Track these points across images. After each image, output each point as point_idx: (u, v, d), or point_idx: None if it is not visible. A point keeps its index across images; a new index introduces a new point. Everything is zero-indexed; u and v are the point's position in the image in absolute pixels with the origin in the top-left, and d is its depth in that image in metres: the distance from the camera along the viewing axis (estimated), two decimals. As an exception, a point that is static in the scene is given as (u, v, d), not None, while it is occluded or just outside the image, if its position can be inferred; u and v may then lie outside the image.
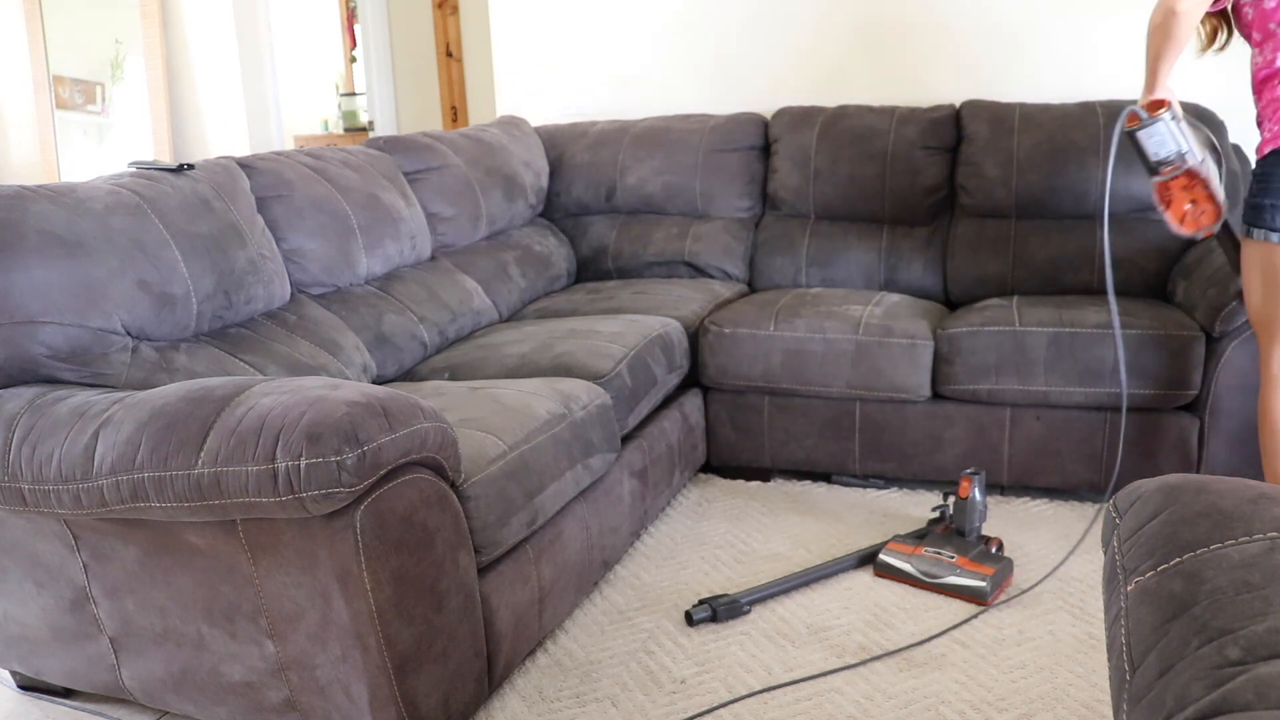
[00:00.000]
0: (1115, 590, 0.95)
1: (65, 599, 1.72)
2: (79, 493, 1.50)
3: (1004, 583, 2.10)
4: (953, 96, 3.18)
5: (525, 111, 3.76)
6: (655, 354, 2.45)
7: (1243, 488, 0.95)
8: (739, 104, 3.46)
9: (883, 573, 2.18)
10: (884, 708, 1.73)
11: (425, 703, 1.56)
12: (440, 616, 1.57)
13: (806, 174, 3.06)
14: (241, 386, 1.52)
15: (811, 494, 2.66)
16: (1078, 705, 1.72)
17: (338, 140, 6.10)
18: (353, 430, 1.39)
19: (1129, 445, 2.41)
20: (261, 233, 2.18)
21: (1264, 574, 0.82)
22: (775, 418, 2.67)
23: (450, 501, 1.59)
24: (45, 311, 1.70)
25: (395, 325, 2.43)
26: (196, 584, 1.58)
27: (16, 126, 4.72)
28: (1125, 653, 0.88)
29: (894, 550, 2.19)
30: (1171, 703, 0.78)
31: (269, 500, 1.40)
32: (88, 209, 1.82)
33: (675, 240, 3.19)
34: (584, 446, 2.01)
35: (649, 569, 2.27)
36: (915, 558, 2.15)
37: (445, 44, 5.47)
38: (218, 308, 2.01)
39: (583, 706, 1.78)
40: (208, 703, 1.68)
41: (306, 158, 2.48)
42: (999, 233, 2.89)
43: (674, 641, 1.97)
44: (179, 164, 2.10)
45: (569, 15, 3.64)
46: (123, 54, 4.53)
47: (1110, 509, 1.05)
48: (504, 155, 3.15)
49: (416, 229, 2.67)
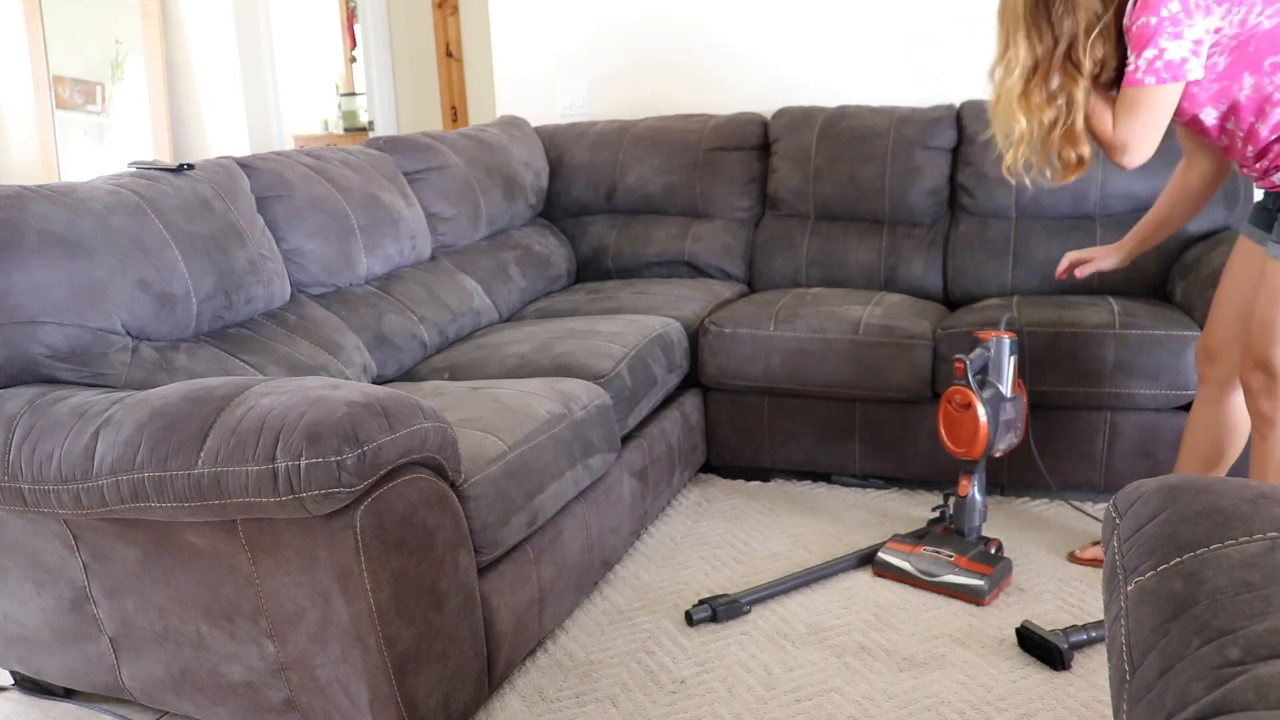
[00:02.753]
0: (1115, 590, 0.95)
1: (65, 599, 1.72)
2: (79, 493, 1.50)
3: (1002, 583, 2.10)
4: (953, 96, 3.18)
5: (525, 111, 3.76)
6: (655, 354, 2.45)
7: (1243, 488, 0.95)
8: (739, 104, 3.46)
9: (882, 571, 2.18)
10: (884, 708, 1.73)
11: (425, 703, 1.56)
12: (440, 616, 1.57)
13: (806, 174, 3.06)
14: (241, 386, 1.52)
15: (811, 494, 2.66)
16: (1078, 705, 1.72)
17: (338, 140, 6.10)
18: (353, 430, 1.39)
19: (1129, 445, 2.41)
20: (261, 233, 2.18)
21: (1264, 574, 0.82)
22: (775, 418, 2.67)
23: (450, 501, 1.59)
24: (45, 311, 1.70)
25: (395, 325, 2.43)
26: (196, 584, 1.58)
27: (16, 126, 4.72)
28: (1125, 653, 0.88)
29: (893, 549, 2.19)
30: (1171, 703, 0.78)
31: (269, 500, 1.40)
32: (88, 209, 1.82)
33: (675, 240, 3.19)
34: (584, 446, 2.01)
35: (649, 569, 2.27)
36: (914, 556, 2.15)
37: (445, 44, 5.47)
38: (218, 308, 2.01)
39: (583, 706, 1.78)
40: (208, 703, 1.68)
41: (306, 158, 2.48)
42: (999, 233, 2.89)
43: (674, 641, 1.97)
44: (179, 164, 2.10)
45: (569, 15, 3.64)
46: (123, 54, 4.53)
47: (1110, 509, 1.05)
48: (504, 155, 3.15)
49: (416, 229, 2.67)
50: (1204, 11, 1.72)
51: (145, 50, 4.43)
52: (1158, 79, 1.76)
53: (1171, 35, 1.73)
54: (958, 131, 2.99)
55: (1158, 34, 1.73)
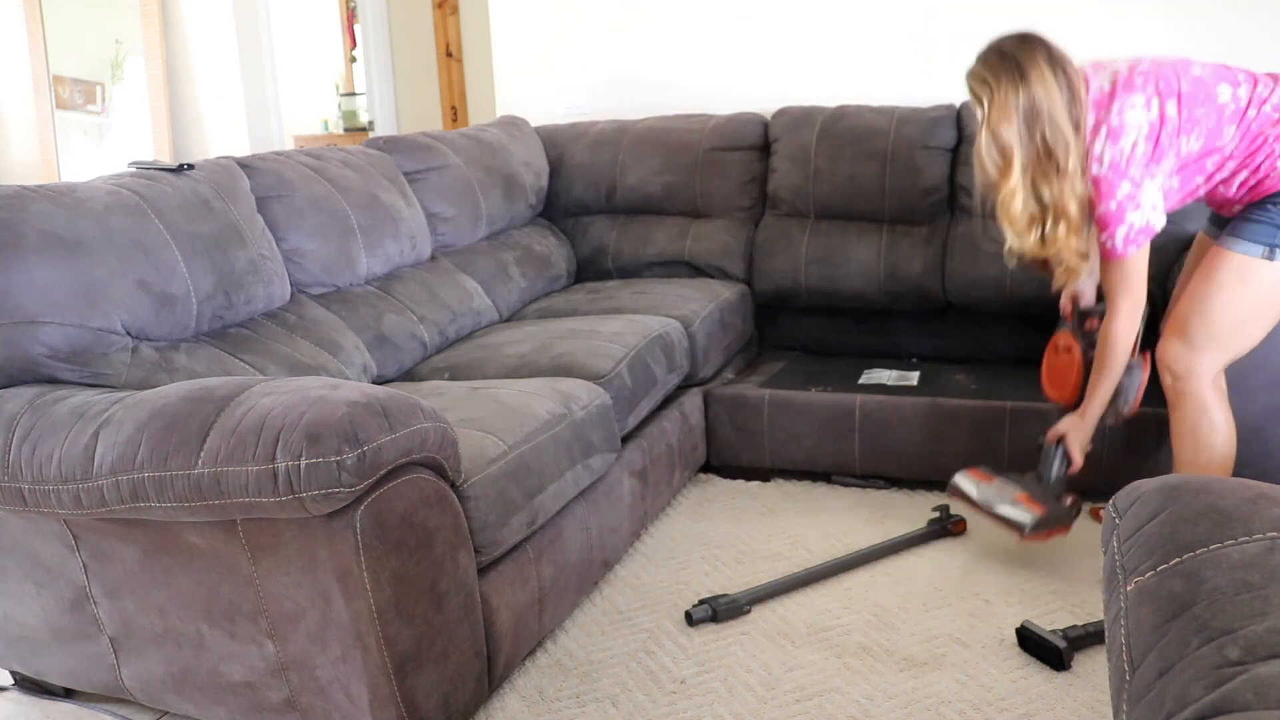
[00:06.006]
0: (1115, 590, 0.95)
1: (65, 599, 1.72)
2: (79, 493, 1.50)
3: (1052, 530, 2.06)
4: (953, 97, 3.18)
5: (525, 111, 3.76)
6: (655, 354, 2.45)
7: (1242, 488, 0.95)
8: (739, 104, 3.46)
9: (952, 493, 2.22)
10: (884, 708, 1.73)
11: (425, 703, 1.56)
12: (440, 616, 1.57)
13: (806, 174, 3.06)
14: (241, 386, 1.52)
15: (811, 494, 2.66)
16: (1078, 705, 1.72)
17: (338, 140, 6.09)
18: (353, 430, 1.39)
19: (1129, 445, 2.41)
20: (261, 233, 2.18)
21: (1264, 574, 0.83)
22: (775, 418, 2.67)
23: (450, 501, 1.59)
24: (45, 311, 1.70)
25: (395, 325, 2.43)
26: (196, 584, 1.58)
27: (16, 126, 4.72)
28: (1125, 653, 0.88)
29: (970, 475, 2.20)
30: (1171, 703, 0.78)
31: (269, 500, 1.40)
32: (88, 209, 1.82)
33: (675, 240, 3.19)
34: (584, 446, 2.01)
35: (649, 569, 2.27)
36: (983, 485, 2.15)
37: (445, 44, 5.46)
38: (218, 308, 2.01)
39: (582, 706, 1.78)
40: (208, 703, 1.68)
41: (306, 158, 2.47)
42: (998, 233, 2.88)
43: (674, 641, 1.97)
44: (179, 164, 2.10)
45: (569, 15, 3.64)
46: (123, 54, 4.53)
47: (1110, 509, 1.05)
48: (504, 155, 3.15)
49: (416, 229, 2.67)
50: (1150, 177, 1.95)
51: (145, 50, 4.42)
52: (1137, 246, 1.98)
53: (1133, 209, 1.94)
54: (958, 131, 2.98)
55: (1122, 214, 1.95)
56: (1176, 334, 2.06)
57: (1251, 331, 2.03)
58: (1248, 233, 1.98)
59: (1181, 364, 2.05)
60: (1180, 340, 2.05)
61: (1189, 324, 2.04)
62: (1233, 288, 1.98)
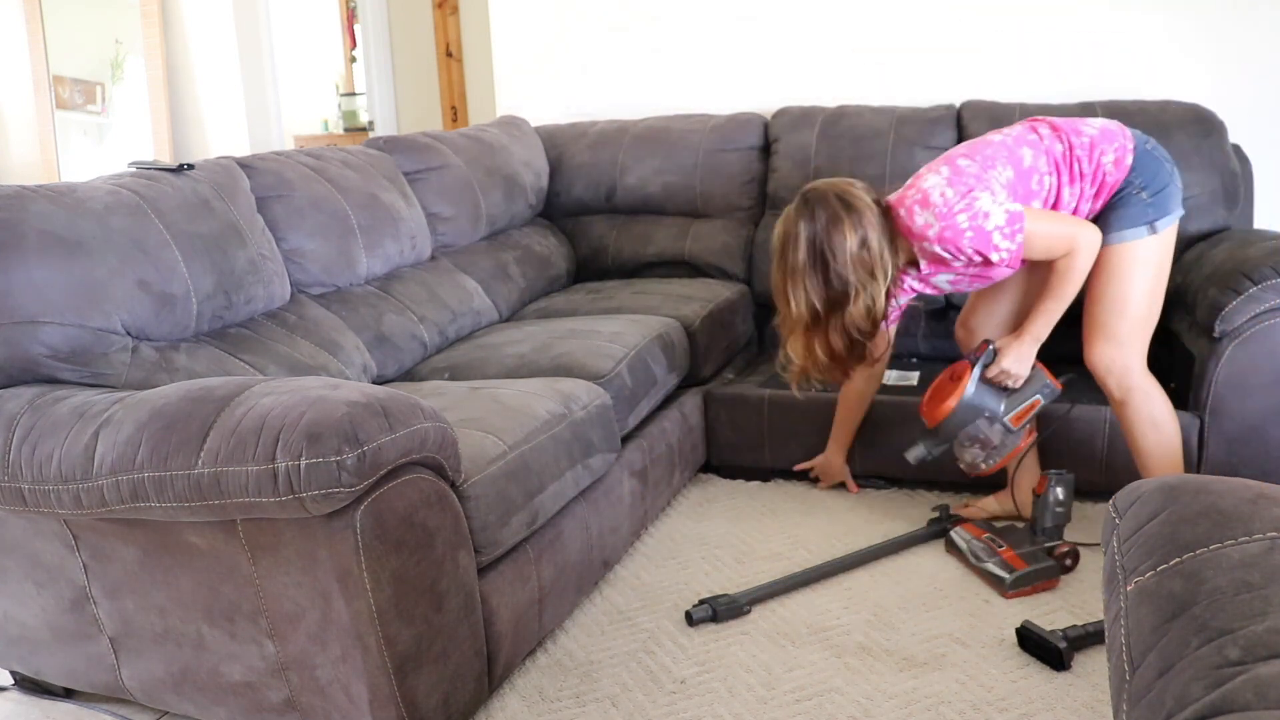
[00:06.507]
0: (1115, 590, 0.95)
1: (65, 599, 1.72)
2: (79, 493, 1.50)
3: (1035, 585, 2.07)
4: (953, 97, 3.18)
5: (525, 111, 3.76)
6: (655, 354, 2.45)
7: (1242, 488, 0.95)
8: (739, 104, 3.46)
9: (948, 547, 2.26)
10: (884, 708, 1.73)
11: (425, 703, 1.56)
12: (440, 616, 1.57)
13: (806, 174, 3.06)
14: (241, 386, 1.52)
15: (811, 494, 2.66)
16: (1078, 705, 1.72)
17: (338, 140, 6.10)
18: (353, 430, 1.39)
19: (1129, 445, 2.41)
20: (261, 233, 2.18)
21: (1264, 574, 0.83)
22: (775, 418, 2.67)
23: (450, 501, 1.59)
24: (45, 311, 1.70)
25: (395, 325, 2.43)
26: (196, 584, 1.58)
27: (16, 126, 4.72)
28: (1125, 653, 0.88)
29: (964, 530, 2.24)
30: (1171, 703, 0.78)
31: (269, 500, 1.40)
32: (88, 209, 1.82)
33: (675, 240, 3.19)
34: (584, 446, 2.01)
35: (649, 569, 2.27)
36: (974, 540, 2.19)
37: (445, 44, 5.47)
38: (218, 308, 2.01)
39: (582, 706, 1.78)
40: (208, 703, 1.68)
41: (306, 158, 2.48)
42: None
43: (674, 641, 1.97)
44: (179, 164, 2.10)
45: (569, 15, 3.64)
46: (123, 54, 4.53)
47: (1110, 509, 1.05)
48: (504, 155, 3.15)
49: (416, 229, 2.67)
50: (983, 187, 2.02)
51: (145, 50, 4.43)
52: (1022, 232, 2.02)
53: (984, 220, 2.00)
54: (958, 131, 2.98)
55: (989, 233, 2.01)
56: (1102, 339, 2.12)
57: (1159, 302, 2.13)
58: (1126, 221, 2.07)
59: (1119, 363, 2.12)
60: (1108, 343, 2.11)
61: (1112, 325, 2.10)
62: (1139, 275, 2.08)
